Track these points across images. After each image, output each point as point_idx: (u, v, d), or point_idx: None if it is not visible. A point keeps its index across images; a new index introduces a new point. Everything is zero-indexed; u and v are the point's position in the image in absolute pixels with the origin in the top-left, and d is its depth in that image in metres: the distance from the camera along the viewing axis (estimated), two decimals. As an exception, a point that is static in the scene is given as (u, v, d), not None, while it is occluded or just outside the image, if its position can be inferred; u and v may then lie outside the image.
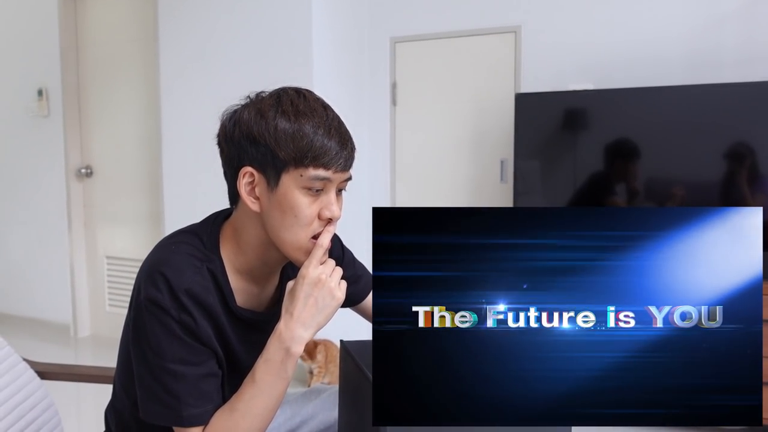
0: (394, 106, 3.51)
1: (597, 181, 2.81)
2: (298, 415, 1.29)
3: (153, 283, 0.97)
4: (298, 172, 0.97)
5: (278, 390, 1.00)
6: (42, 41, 3.95)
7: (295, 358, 0.99)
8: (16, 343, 1.51)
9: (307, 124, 0.96)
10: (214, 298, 1.02)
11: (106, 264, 3.99)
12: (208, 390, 1.01)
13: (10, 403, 1.33)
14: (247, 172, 0.99)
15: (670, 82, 2.79)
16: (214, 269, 1.03)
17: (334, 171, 0.98)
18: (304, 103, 0.98)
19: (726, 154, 2.58)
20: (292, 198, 0.97)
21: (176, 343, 0.98)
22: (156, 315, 0.97)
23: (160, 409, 1.00)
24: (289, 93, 1.00)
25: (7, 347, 1.39)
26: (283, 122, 0.96)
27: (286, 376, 0.99)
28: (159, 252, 1.03)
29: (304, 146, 0.95)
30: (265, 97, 1.01)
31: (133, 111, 3.82)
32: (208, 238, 1.05)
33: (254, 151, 0.98)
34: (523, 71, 3.18)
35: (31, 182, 4.11)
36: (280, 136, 0.96)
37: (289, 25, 3.17)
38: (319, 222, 1.00)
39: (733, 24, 2.79)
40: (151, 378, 0.99)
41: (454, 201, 3.41)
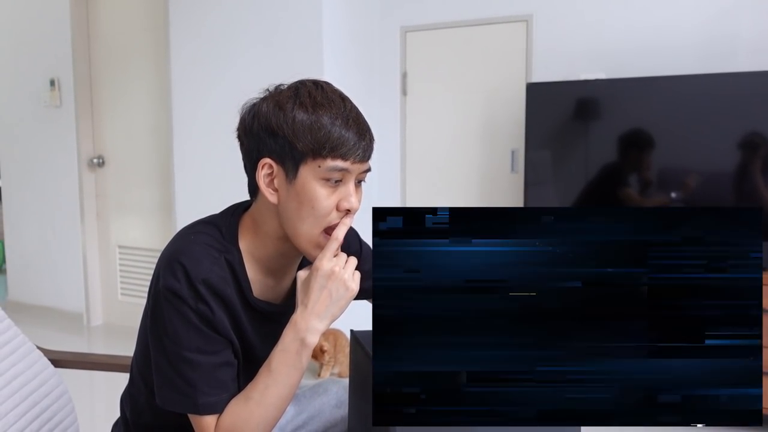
0: (404, 95, 3.50)
1: (609, 172, 2.79)
2: (305, 412, 1.29)
3: (171, 273, 0.99)
4: (316, 163, 0.97)
5: (293, 379, 1.00)
6: (54, 31, 3.97)
7: (310, 349, 0.99)
8: (30, 332, 1.53)
9: (324, 115, 0.97)
10: (231, 289, 1.03)
11: (118, 253, 4.02)
12: (224, 379, 1.01)
13: (25, 390, 1.34)
14: (266, 163, 1.00)
15: (684, 71, 2.76)
16: (231, 260, 1.04)
17: (353, 162, 0.98)
18: (322, 94, 0.99)
19: (740, 144, 2.55)
20: (310, 189, 0.98)
21: (193, 332, 0.99)
22: (173, 304, 0.98)
23: (176, 396, 1.01)
24: (307, 85, 1.01)
25: (21, 335, 1.41)
26: (301, 114, 0.97)
27: (300, 366, 1.00)
28: (178, 241, 1.04)
29: (322, 137, 0.96)
30: (284, 90, 1.01)
31: (144, 101, 3.84)
32: (227, 230, 1.06)
33: (273, 143, 0.99)
34: (534, 60, 3.16)
35: (43, 172, 4.14)
36: (298, 127, 0.96)
37: (299, 15, 3.16)
38: (336, 213, 1.01)
39: (748, 12, 2.75)
40: (168, 366, 1.00)
41: (465, 191, 3.40)
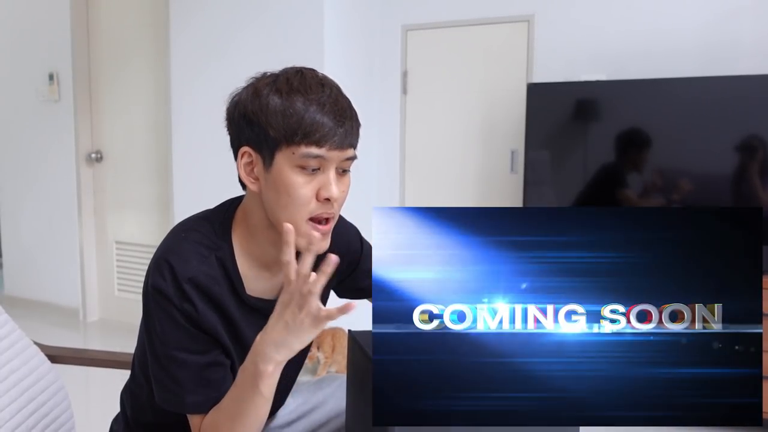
0: (404, 94, 3.49)
1: (608, 173, 2.79)
2: (309, 401, 1.29)
3: (159, 272, 0.99)
4: (290, 150, 0.94)
5: (251, 398, 0.95)
6: (53, 25, 3.95)
7: (265, 377, 0.92)
8: (26, 327, 1.52)
9: (298, 100, 0.94)
10: (221, 287, 1.02)
11: (115, 249, 4.01)
12: (213, 379, 1.01)
13: (22, 385, 1.34)
14: (245, 152, 0.99)
15: (684, 73, 2.76)
16: (222, 257, 1.03)
17: (329, 149, 0.94)
18: (300, 79, 0.96)
19: (739, 147, 2.55)
20: (286, 177, 0.95)
21: (179, 332, 0.99)
22: (160, 303, 0.98)
23: (166, 394, 1.02)
24: (288, 71, 0.99)
25: (19, 331, 1.40)
26: (275, 99, 0.94)
27: (258, 391, 0.93)
28: (168, 240, 1.04)
29: (294, 123, 0.93)
30: (265, 77, 0.99)
31: (143, 96, 3.83)
32: (220, 225, 1.05)
33: (249, 131, 0.97)
34: (535, 61, 3.15)
35: (41, 167, 4.13)
36: (271, 113, 0.94)
37: (300, 11, 3.15)
38: (317, 203, 0.97)
39: (750, 15, 2.75)
40: (158, 364, 1.01)
41: (464, 191, 3.40)
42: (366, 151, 3.51)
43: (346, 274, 1.22)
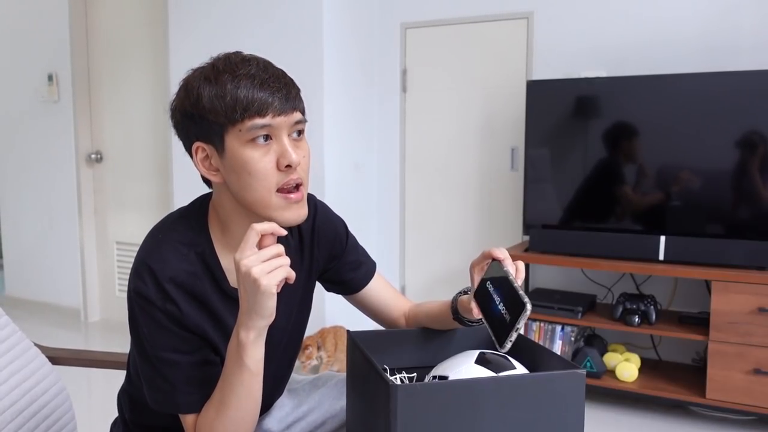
0: (404, 92, 3.49)
1: (608, 170, 2.79)
2: (304, 404, 1.28)
3: (139, 276, 0.99)
4: (236, 129, 0.94)
5: (238, 374, 0.95)
6: (52, 26, 3.95)
7: (248, 347, 0.93)
8: (27, 328, 1.52)
9: (227, 81, 0.94)
10: (203, 282, 1.02)
11: (115, 249, 4.01)
12: (204, 377, 1.01)
13: (23, 387, 1.34)
14: (198, 147, 0.99)
15: (685, 69, 2.75)
16: (203, 252, 1.03)
17: (273, 115, 0.94)
18: (225, 62, 0.97)
19: (739, 142, 2.54)
20: (241, 156, 0.95)
21: (166, 333, 0.99)
22: (143, 307, 0.99)
23: (158, 396, 1.02)
24: (213, 59, 0.99)
25: (19, 332, 1.40)
26: (206, 88, 0.95)
27: (242, 363, 0.94)
28: (146, 243, 1.04)
29: (229, 102, 0.93)
30: (194, 71, 1.00)
31: (142, 96, 3.82)
32: (196, 221, 1.06)
33: (195, 126, 0.98)
34: (535, 58, 3.15)
35: (41, 167, 4.12)
36: (206, 101, 0.94)
37: (299, 11, 3.15)
38: (279, 173, 0.96)
39: (750, 11, 2.74)
40: (148, 367, 1.01)
41: (464, 188, 3.39)
42: (366, 150, 3.51)
43: (331, 263, 1.22)
